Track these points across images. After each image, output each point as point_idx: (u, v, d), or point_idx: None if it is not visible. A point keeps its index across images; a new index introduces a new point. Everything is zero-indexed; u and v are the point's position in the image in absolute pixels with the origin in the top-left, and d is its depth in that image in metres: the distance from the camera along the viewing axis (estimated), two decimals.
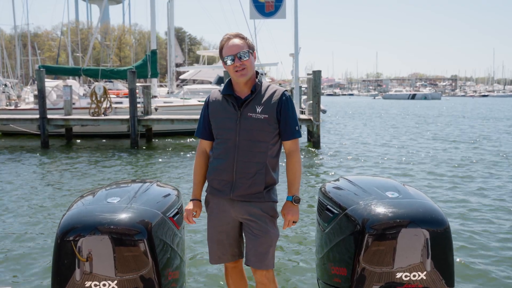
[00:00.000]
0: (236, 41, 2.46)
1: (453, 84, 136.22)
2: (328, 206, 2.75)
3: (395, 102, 69.07)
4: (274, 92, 2.52)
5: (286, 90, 2.55)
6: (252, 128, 2.45)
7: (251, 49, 2.49)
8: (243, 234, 2.64)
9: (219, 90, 2.60)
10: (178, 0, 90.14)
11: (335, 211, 2.63)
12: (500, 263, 4.67)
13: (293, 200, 2.55)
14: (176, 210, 2.69)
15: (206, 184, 2.73)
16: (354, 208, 2.47)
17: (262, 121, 2.45)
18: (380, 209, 2.39)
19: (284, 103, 2.50)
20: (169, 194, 2.79)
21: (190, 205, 2.67)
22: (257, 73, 2.56)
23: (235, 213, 2.55)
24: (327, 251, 2.70)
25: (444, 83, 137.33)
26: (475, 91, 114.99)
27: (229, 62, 2.44)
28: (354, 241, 2.39)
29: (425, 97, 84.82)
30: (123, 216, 2.30)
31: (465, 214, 6.52)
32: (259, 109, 2.46)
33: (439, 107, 48.51)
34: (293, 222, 2.58)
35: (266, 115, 2.46)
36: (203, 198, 2.74)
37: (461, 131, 20.81)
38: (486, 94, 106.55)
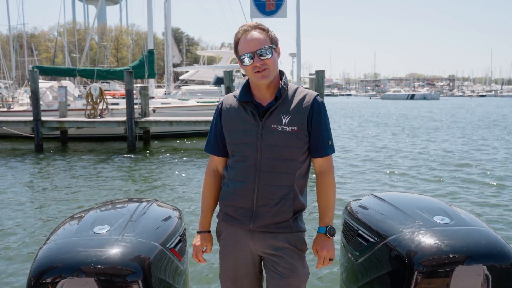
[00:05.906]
0: (256, 34, 1.92)
1: (451, 84, 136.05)
2: (359, 232, 2.32)
3: (396, 102, 68.11)
4: (304, 97, 2.00)
5: (318, 95, 2.04)
6: (277, 143, 1.94)
7: (274, 43, 1.95)
8: (264, 272, 2.14)
9: (234, 96, 2.08)
10: (177, 0, 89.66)
11: (371, 239, 2.19)
12: None
13: (327, 232, 2.03)
14: (179, 237, 2.25)
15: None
16: (398, 237, 2.03)
17: (289, 135, 1.94)
18: (430, 240, 1.96)
19: (317, 110, 1.98)
20: (169, 217, 2.35)
21: (198, 239, 2.16)
22: (281, 73, 2.04)
23: (255, 246, 2.05)
24: (361, 286, 2.26)
25: (442, 83, 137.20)
26: (473, 91, 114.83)
27: (247, 61, 1.92)
28: (399, 278, 1.97)
29: (424, 97, 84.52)
30: (113, 251, 1.85)
31: None
32: (285, 120, 1.95)
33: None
34: (330, 259, 2.06)
35: (294, 127, 1.94)
36: (213, 226, 2.22)
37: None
38: (484, 94, 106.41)
